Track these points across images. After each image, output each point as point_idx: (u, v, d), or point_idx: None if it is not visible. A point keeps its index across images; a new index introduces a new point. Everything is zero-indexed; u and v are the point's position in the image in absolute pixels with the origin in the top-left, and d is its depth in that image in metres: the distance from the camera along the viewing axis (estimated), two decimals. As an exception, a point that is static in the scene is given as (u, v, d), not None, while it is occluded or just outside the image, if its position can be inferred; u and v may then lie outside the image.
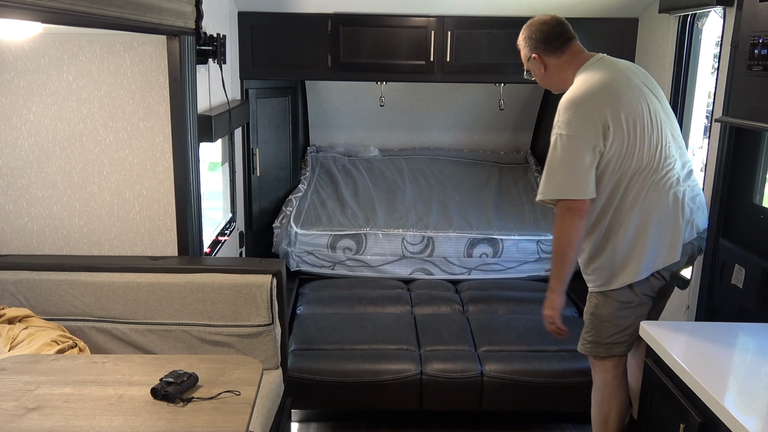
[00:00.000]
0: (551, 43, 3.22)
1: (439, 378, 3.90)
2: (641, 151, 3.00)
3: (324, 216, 5.34)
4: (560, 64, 3.24)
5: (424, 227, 5.20)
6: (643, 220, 3.05)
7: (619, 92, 3.02)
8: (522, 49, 3.36)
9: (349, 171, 6.11)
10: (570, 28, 3.25)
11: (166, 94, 3.41)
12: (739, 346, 2.72)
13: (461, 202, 5.57)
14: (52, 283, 3.29)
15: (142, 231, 3.60)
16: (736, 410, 2.12)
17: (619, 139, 2.97)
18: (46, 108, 3.44)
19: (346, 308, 4.64)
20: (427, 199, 5.64)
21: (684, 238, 3.11)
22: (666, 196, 3.05)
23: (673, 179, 3.07)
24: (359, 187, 5.82)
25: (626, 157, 2.99)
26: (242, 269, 3.37)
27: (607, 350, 3.25)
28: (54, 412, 2.23)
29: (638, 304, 3.17)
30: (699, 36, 4.18)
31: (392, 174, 6.07)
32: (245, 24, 4.80)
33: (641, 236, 3.06)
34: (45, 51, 3.39)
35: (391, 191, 5.77)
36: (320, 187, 5.82)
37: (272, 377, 3.37)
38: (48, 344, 2.94)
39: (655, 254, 3.08)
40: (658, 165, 3.03)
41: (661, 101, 3.18)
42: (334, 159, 6.28)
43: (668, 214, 3.06)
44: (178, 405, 2.28)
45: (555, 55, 3.23)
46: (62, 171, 3.52)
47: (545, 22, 3.25)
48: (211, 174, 4.73)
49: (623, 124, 2.97)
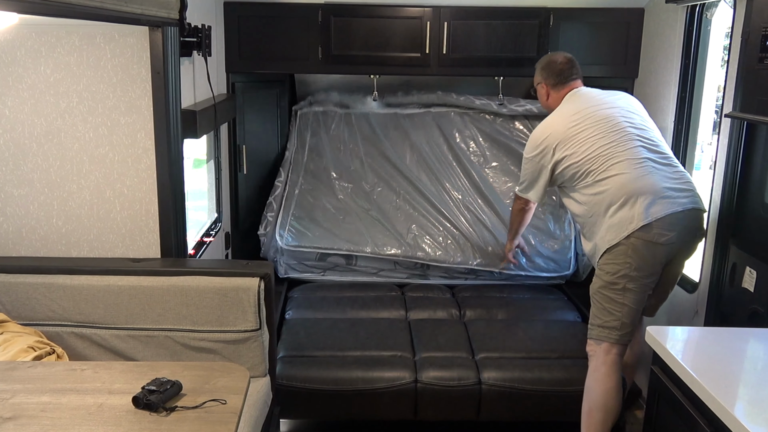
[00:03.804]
0: (556, 77, 4.05)
1: (435, 386, 3.90)
2: (585, 155, 3.70)
3: (312, 227, 5.15)
4: (557, 98, 4.06)
5: (418, 250, 5.07)
6: (602, 204, 3.63)
7: (574, 123, 3.80)
8: (537, 73, 4.16)
9: (342, 163, 5.43)
10: (577, 69, 4.07)
11: (148, 88, 3.41)
12: (750, 353, 2.73)
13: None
14: (29, 287, 3.29)
15: (123, 232, 3.60)
16: (747, 420, 2.12)
17: (569, 157, 3.75)
18: (23, 102, 3.44)
19: (338, 313, 4.63)
20: (423, 214, 5.23)
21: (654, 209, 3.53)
22: (619, 179, 3.60)
23: (633, 163, 3.63)
24: (353, 189, 5.40)
25: (580, 165, 3.72)
26: (228, 272, 3.37)
27: (598, 332, 3.66)
28: (30, 422, 2.22)
29: (624, 287, 3.56)
30: (708, 27, 4.20)
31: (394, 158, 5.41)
32: (232, 14, 4.80)
33: (604, 216, 3.64)
34: (21, 43, 3.38)
35: (389, 191, 5.35)
36: (308, 184, 5.36)
37: (260, 385, 3.37)
38: (24, 350, 2.93)
39: (618, 224, 3.57)
40: (607, 159, 3.65)
41: (632, 118, 3.83)
42: (326, 126, 5.53)
43: (620, 194, 3.57)
44: (161, 414, 2.28)
45: (555, 89, 4.07)
46: (39, 169, 3.51)
47: (561, 62, 4.06)
48: (196, 172, 4.73)
49: (572, 144, 3.75)
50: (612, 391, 3.60)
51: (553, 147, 3.80)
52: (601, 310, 3.63)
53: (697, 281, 3.95)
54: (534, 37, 4.85)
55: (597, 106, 3.84)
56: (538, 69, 4.16)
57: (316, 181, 5.36)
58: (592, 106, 3.86)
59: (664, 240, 3.49)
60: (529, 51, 4.82)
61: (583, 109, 3.85)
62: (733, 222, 3.59)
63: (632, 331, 3.63)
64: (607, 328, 3.60)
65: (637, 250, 3.50)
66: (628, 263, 3.52)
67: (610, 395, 3.60)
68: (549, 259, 5.06)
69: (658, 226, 3.47)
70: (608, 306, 3.60)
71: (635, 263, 3.51)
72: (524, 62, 4.80)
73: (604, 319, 3.61)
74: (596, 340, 3.65)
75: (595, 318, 3.67)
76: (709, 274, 3.76)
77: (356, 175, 5.39)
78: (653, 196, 3.50)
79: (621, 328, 3.57)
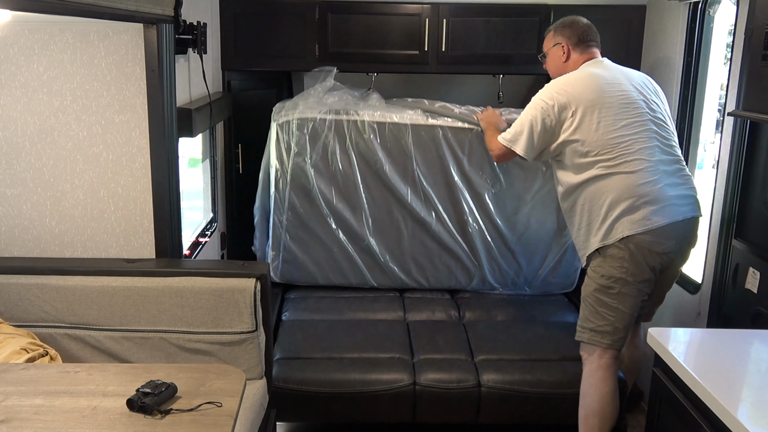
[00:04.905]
0: (582, 41, 3.86)
1: (434, 389, 3.90)
2: (599, 135, 3.53)
3: (306, 261, 4.83)
4: (577, 60, 3.85)
5: (419, 277, 4.92)
6: (600, 196, 3.54)
7: (598, 88, 3.60)
8: (552, 36, 3.97)
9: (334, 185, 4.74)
10: (598, 37, 3.91)
11: (143, 86, 3.41)
12: (753, 355, 2.73)
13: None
14: (22, 288, 3.29)
15: (117, 232, 3.60)
16: (750, 423, 2.12)
17: (582, 126, 3.56)
18: (15, 101, 3.43)
19: (335, 314, 4.63)
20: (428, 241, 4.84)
21: (656, 218, 3.47)
22: (626, 177, 3.49)
23: (643, 163, 3.51)
24: (346, 216, 4.79)
25: (585, 141, 3.55)
26: (224, 272, 3.37)
27: (589, 336, 3.61)
28: (23, 425, 2.22)
29: (618, 292, 3.51)
30: (711, 24, 4.20)
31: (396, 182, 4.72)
32: (227, 11, 4.79)
33: (601, 209, 3.55)
34: (14, 40, 3.38)
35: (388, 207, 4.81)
36: (295, 217, 4.75)
37: (256, 388, 3.37)
38: (17, 352, 2.93)
39: (613, 223, 3.50)
40: (620, 149, 3.51)
41: (653, 104, 3.67)
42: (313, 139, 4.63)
43: (625, 195, 3.48)
44: (155, 417, 2.28)
45: (578, 49, 3.86)
46: (32, 168, 3.51)
47: (585, 24, 3.91)
48: (191, 171, 4.72)
49: (589, 114, 3.55)
50: (608, 396, 3.59)
51: (574, 108, 3.58)
52: (593, 314, 3.60)
53: (700, 282, 3.95)
54: (534, 34, 4.84)
55: (628, 87, 3.65)
56: (557, 29, 3.94)
57: (305, 206, 4.74)
58: (624, 83, 3.66)
59: (661, 249, 3.48)
60: (529, 49, 4.80)
61: (617, 84, 3.64)
62: (736, 222, 3.60)
63: (625, 336, 3.61)
64: (600, 332, 3.57)
65: (634, 255, 3.47)
66: (624, 268, 3.49)
67: (605, 400, 3.58)
68: (552, 284, 5.00)
69: (658, 234, 3.45)
70: (601, 310, 3.56)
71: (631, 268, 3.49)
72: (524, 60, 4.81)
73: (596, 323, 3.58)
74: (588, 345, 3.63)
75: (587, 321, 3.63)
76: (711, 274, 3.76)
77: (350, 198, 4.75)
78: (658, 205, 3.45)
79: (614, 333, 3.55)
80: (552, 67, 3.99)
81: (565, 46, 3.87)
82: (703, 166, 4.57)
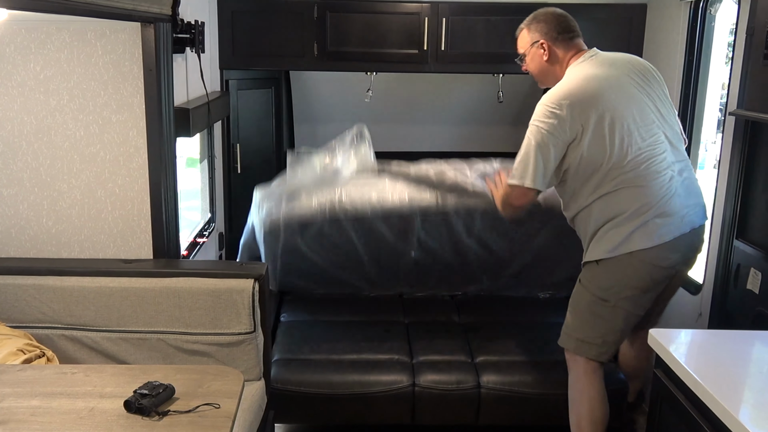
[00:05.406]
0: (563, 34, 3.50)
1: (433, 390, 3.91)
2: (614, 149, 3.26)
3: (305, 277, 4.65)
4: (563, 58, 3.51)
5: (423, 285, 4.86)
6: (610, 209, 3.33)
7: (603, 93, 3.30)
8: (527, 33, 3.59)
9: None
10: (577, 25, 3.55)
11: (140, 86, 3.40)
12: (755, 356, 2.72)
13: None
14: (18, 288, 3.29)
15: (114, 232, 3.59)
16: (752, 425, 2.11)
17: (594, 139, 3.26)
18: (12, 100, 3.43)
19: (334, 315, 4.64)
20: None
21: (669, 231, 3.31)
22: (639, 191, 3.29)
23: (658, 175, 3.30)
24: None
25: (598, 155, 3.28)
26: (222, 273, 3.37)
27: (576, 346, 3.50)
28: (20, 427, 2.23)
29: (614, 306, 3.37)
30: (712, 23, 4.19)
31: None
32: (225, 10, 4.79)
33: (608, 222, 3.34)
34: (10, 39, 3.38)
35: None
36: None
37: (254, 389, 3.37)
38: (14, 353, 2.93)
39: (622, 238, 3.31)
40: (634, 163, 3.28)
41: (657, 99, 3.42)
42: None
43: (640, 206, 3.29)
44: (153, 419, 2.28)
45: (563, 46, 3.50)
46: (29, 168, 3.51)
47: (560, 14, 3.53)
48: (189, 171, 4.72)
49: (599, 124, 3.25)
50: (595, 401, 3.50)
51: (578, 126, 3.25)
52: (583, 323, 3.47)
53: (701, 283, 3.94)
54: (534, 33, 4.83)
55: (630, 86, 3.36)
56: (531, 25, 3.56)
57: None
58: (625, 83, 3.36)
59: (667, 264, 3.35)
60: (530, 48, 4.80)
61: (619, 86, 3.34)
62: (737, 222, 3.59)
63: (614, 350, 3.51)
64: (587, 343, 3.44)
65: (638, 270, 3.34)
66: (624, 281, 3.36)
67: (594, 404, 3.51)
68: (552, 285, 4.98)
69: (665, 248, 3.31)
70: (592, 321, 3.44)
71: (633, 282, 3.35)
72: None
73: (585, 332, 3.45)
74: (573, 353, 3.53)
75: (575, 329, 3.50)
76: (713, 275, 3.76)
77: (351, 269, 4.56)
78: (668, 218, 3.29)
79: (602, 345, 3.43)
80: (535, 69, 3.64)
81: (545, 43, 3.50)
82: (704, 166, 4.56)
